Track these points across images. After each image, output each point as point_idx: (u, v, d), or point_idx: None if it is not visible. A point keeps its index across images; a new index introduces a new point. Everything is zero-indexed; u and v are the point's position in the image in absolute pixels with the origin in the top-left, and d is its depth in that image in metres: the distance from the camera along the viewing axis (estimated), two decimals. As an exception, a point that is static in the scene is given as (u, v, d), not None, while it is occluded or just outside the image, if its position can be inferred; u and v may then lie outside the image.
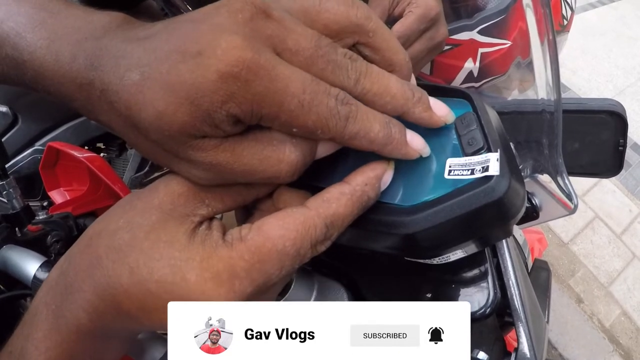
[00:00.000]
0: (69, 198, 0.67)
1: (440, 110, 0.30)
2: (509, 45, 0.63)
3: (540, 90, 0.34)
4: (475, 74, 0.66)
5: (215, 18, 0.24)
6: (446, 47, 0.63)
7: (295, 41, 0.25)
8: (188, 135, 0.24)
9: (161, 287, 0.23)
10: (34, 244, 0.45)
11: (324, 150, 0.29)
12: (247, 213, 0.31)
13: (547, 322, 0.42)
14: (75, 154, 0.57)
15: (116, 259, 0.24)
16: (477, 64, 0.65)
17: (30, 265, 0.40)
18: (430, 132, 0.34)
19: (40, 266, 0.39)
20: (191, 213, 0.26)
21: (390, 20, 0.51)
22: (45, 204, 1.42)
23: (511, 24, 0.61)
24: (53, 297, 0.26)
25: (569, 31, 1.07)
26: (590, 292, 2.11)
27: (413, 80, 0.32)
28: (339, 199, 0.27)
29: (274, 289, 0.29)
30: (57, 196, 0.69)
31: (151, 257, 0.24)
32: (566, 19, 1.03)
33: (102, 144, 1.51)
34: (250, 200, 0.30)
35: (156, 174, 1.50)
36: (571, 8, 1.06)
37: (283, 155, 0.26)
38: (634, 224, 2.38)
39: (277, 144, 0.26)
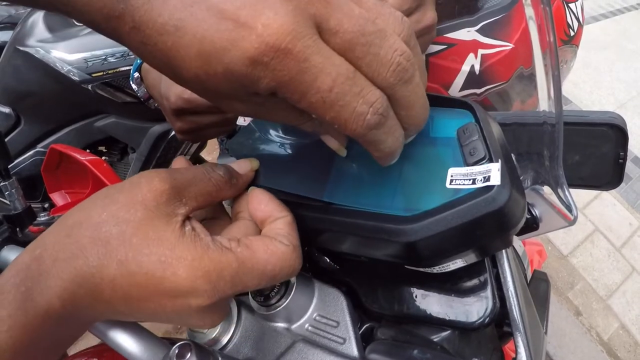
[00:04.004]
0: (70, 200, 0.67)
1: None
2: (510, 48, 0.62)
3: (542, 102, 0.34)
4: (476, 75, 0.64)
5: None
6: (441, 47, 0.62)
7: (338, 21, 0.24)
8: (230, 96, 0.26)
9: (150, 279, 0.25)
10: None
11: (330, 143, 0.32)
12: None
13: (546, 333, 0.42)
14: (78, 156, 0.57)
15: (104, 251, 0.25)
16: (478, 66, 0.63)
17: None
18: (433, 141, 0.34)
19: None
20: (172, 212, 0.28)
21: None
22: (46, 205, 1.42)
23: (513, 26, 0.60)
24: (23, 280, 0.26)
25: (577, 45, 1.05)
26: (589, 305, 2.10)
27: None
28: None
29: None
30: (59, 198, 0.69)
31: (140, 252, 0.25)
32: (573, 30, 1.01)
33: (104, 147, 1.52)
34: (218, 202, 0.33)
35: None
36: (578, 20, 1.04)
37: (302, 123, 0.30)
38: (633, 238, 2.37)
39: (306, 116, 0.29)
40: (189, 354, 0.28)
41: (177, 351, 0.28)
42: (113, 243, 0.26)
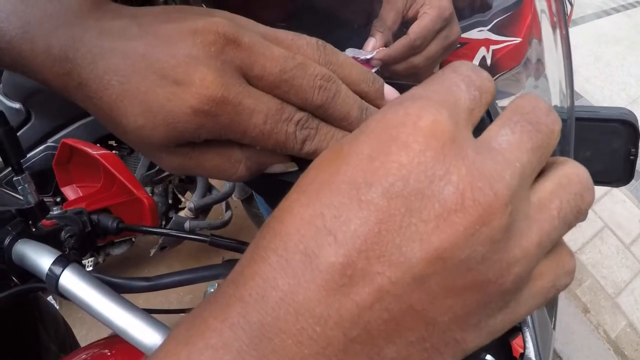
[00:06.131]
0: (81, 194, 0.68)
1: None
2: (519, 41, 0.65)
3: (554, 97, 0.34)
4: (487, 67, 0.67)
5: (192, 48, 0.27)
6: (455, 46, 0.63)
7: (261, 67, 0.28)
8: (163, 146, 0.29)
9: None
10: (48, 239, 0.45)
11: (276, 169, 0.34)
12: None
13: (554, 329, 0.42)
14: (90, 151, 0.57)
15: None
16: (489, 60, 0.65)
17: (44, 259, 0.40)
18: None
19: (54, 261, 0.40)
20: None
21: (405, 22, 0.52)
22: (58, 199, 1.43)
23: (522, 21, 0.62)
24: None
25: (568, 25, 1.17)
26: (597, 302, 2.10)
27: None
28: None
29: None
30: (70, 192, 0.70)
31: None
32: (566, 14, 1.11)
33: (113, 141, 1.53)
34: None
35: (167, 172, 1.52)
36: (570, 3, 1.13)
37: (235, 171, 0.31)
38: (643, 235, 2.37)
39: (234, 161, 0.31)
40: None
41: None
42: None
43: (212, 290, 0.41)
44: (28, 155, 1.39)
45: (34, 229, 0.48)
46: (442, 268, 0.17)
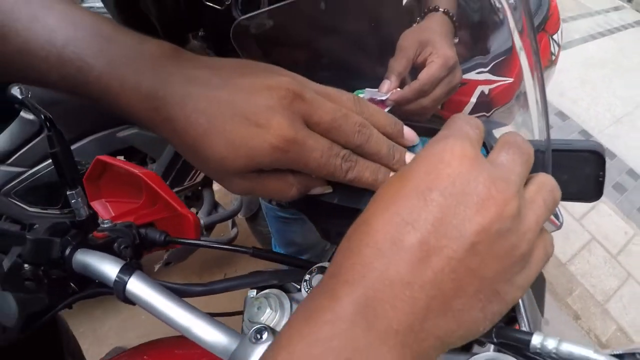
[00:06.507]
0: (110, 209, 0.69)
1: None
2: (512, 81, 0.73)
3: (535, 131, 0.42)
4: (484, 104, 0.76)
5: (269, 100, 0.34)
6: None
7: (318, 116, 0.35)
8: (239, 172, 0.36)
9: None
10: (103, 249, 0.48)
11: (316, 191, 0.41)
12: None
13: (542, 316, 0.49)
14: (132, 169, 0.58)
15: None
16: (485, 97, 0.73)
17: (110, 267, 0.43)
18: None
19: (121, 269, 0.42)
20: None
21: (414, 67, 0.59)
22: (91, 211, 1.41)
23: (514, 64, 0.70)
24: None
25: (556, 64, 1.32)
26: (587, 309, 2.14)
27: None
28: None
29: None
30: (99, 207, 0.70)
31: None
32: (554, 55, 1.22)
33: (123, 156, 1.54)
34: None
35: (176, 189, 1.52)
36: (558, 44, 1.26)
37: (289, 191, 0.39)
38: (628, 246, 2.42)
39: (289, 185, 0.38)
40: (266, 333, 0.33)
41: (254, 334, 0.33)
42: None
43: (252, 295, 0.46)
44: (39, 167, 1.36)
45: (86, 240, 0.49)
46: (486, 237, 0.25)
